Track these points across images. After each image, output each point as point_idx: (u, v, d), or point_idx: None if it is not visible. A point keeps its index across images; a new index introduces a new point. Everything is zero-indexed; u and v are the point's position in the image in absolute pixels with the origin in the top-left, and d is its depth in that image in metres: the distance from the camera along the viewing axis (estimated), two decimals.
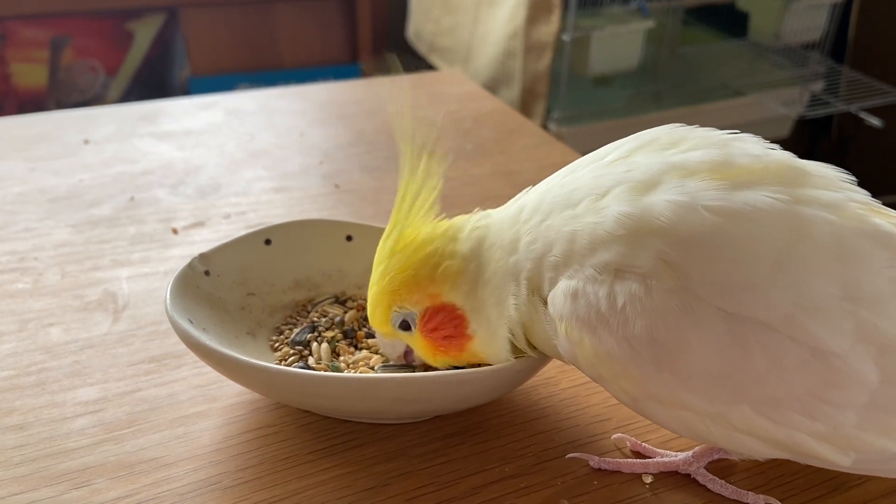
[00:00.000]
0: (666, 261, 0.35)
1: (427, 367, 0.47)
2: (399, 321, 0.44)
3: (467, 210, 0.45)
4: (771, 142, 0.41)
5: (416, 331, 0.44)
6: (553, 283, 0.39)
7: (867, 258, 0.36)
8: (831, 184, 0.38)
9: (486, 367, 0.47)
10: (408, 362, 0.47)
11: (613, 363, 0.37)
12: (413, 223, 0.43)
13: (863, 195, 0.39)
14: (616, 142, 0.42)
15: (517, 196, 0.44)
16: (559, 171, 0.43)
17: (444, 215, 0.45)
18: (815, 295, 0.35)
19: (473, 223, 0.44)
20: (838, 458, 0.37)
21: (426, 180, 0.43)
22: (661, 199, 0.36)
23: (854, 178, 0.39)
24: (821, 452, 0.37)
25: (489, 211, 0.45)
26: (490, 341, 0.43)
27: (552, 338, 0.40)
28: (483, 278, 0.42)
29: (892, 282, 0.35)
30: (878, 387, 0.35)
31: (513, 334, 0.42)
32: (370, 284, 0.45)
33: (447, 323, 0.43)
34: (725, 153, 0.38)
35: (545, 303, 0.40)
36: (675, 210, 0.36)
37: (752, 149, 0.39)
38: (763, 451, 0.38)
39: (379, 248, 0.45)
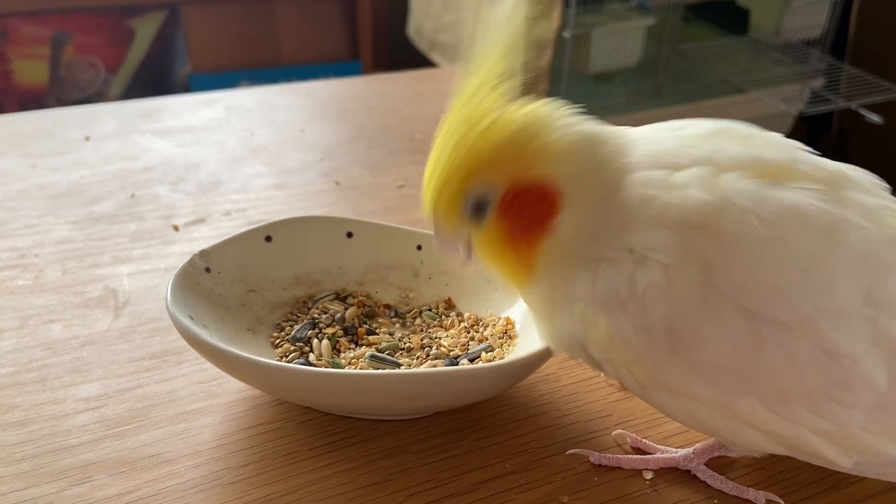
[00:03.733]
0: (698, 255, 0.35)
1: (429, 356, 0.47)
2: (475, 200, 0.38)
3: None
4: None
5: (490, 213, 0.39)
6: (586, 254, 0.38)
7: (895, 266, 0.36)
8: (870, 190, 0.39)
9: (487, 363, 0.47)
10: (462, 265, 0.42)
11: (627, 348, 0.37)
12: (493, 97, 0.38)
13: (895, 203, 0.39)
14: (684, 120, 0.41)
15: (628, 128, 0.41)
16: (640, 128, 0.40)
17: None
18: (837, 300, 0.35)
19: (583, 118, 0.39)
20: (840, 459, 0.37)
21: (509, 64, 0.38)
22: (733, 201, 0.36)
23: (887, 186, 0.40)
24: (824, 451, 0.37)
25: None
26: (555, 267, 0.38)
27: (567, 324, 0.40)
28: (598, 177, 0.37)
29: None
30: (887, 390, 0.35)
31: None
32: (434, 164, 0.39)
33: (535, 204, 0.38)
34: (793, 157, 0.39)
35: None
36: (737, 215, 0.35)
37: (811, 157, 0.40)
38: (766, 447, 0.38)
39: (448, 121, 0.39)
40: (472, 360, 0.49)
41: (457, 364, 0.48)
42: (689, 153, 0.38)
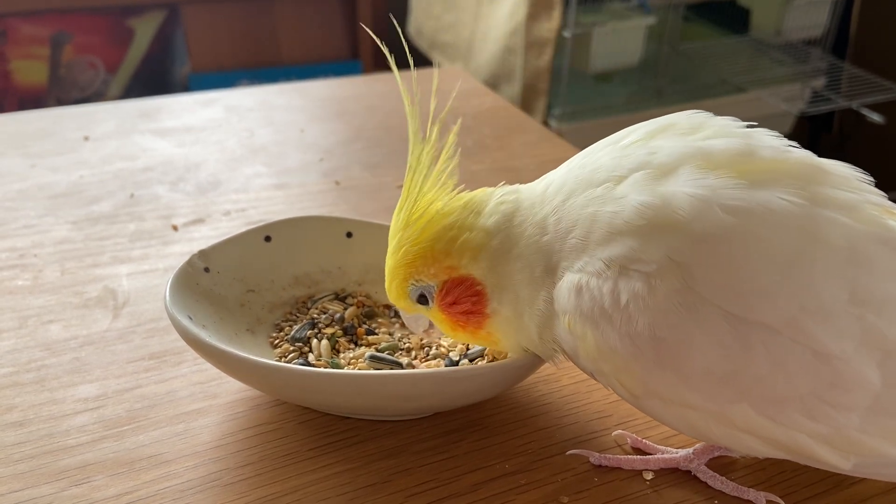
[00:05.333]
0: (675, 260, 0.35)
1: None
2: (417, 295, 0.43)
3: None
4: None
5: (433, 305, 0.43)
6: (564, 272, 0.39)
7: (879, 263, 0.35)
8: (848, 183, 0.38)
9: (488, 363, 0.47)
10: (429, 336, 0.46)
11: (615, 358, 0.37)
12: (428, 193, 0.42)
13: (879, 196, 0.38)
14: (632, 126, 0.42)
15: (544, 175, 0.43)
16: (578, 154, 0.42)
17: (462, 187, 0.43)
18: (822, 299, 0.34)
19: (499, 197, 0.42)
20: (839, 462, 0.37)
21: (440, 148, 0.42)
22: (680, 192, 0.36)
23: (871, 179, 0.39)
24: (821, 455, 0.37)
25: (517, 186, 0.43)
26: (513, 324, 0.42)
27: (556, 336, 0.40)
28: (512, 254, 0.40)
29: None
30: (881, 390, 0.35)
31: (538, 328, 0.41)
32: (387, 257, 0.44)
33: (466, 298, 0.42)
34: (747, 143, 0.38)
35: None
36: (693, 205, 0.35)
37: (772, 141, 0.39)
38: (763, 451, 0.38)
39: (393, 219, 0.43)
40: (471, 361, 0.48)
41: (457, 365, 0.48)
42: (624, 163, 0.38)
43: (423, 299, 0.43)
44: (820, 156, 0.40)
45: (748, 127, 0.40)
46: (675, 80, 1.62)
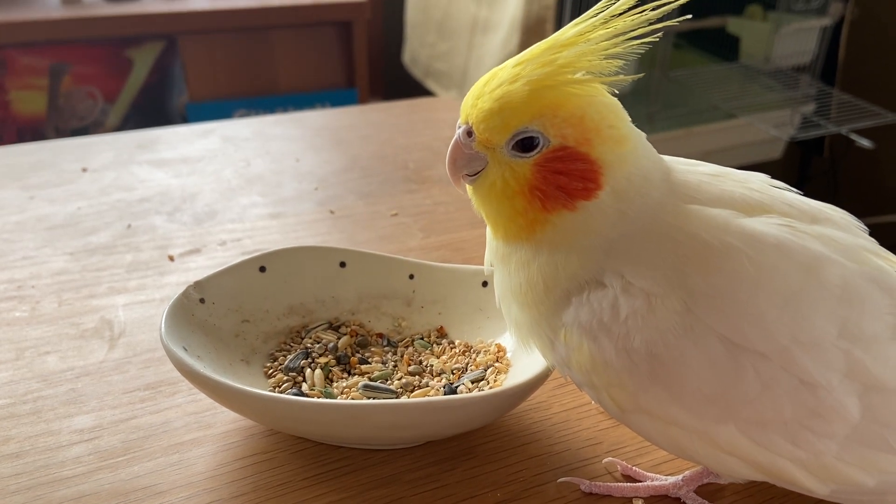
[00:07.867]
0: (684, 285, 0.36)
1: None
2: (524, 136, 0.37)
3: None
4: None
5: (533, 156, 0.37)
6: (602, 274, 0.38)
7: (870, 302, 0.37)
8: (848, 229, 0.40)
9: (479, 392, 0.47)
10: (464, 181, 0.40)
11: (609, 372, 0.38)
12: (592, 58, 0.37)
13: (872, 242, 0.40)
14: (699, 161, 0.42)
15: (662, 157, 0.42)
16: (712, 166, 0.42)
17: None
18: (814, 332, 0.36)
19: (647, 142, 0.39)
20: (817, 487, 0.38)
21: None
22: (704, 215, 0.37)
23: (866, 227, 0.41)
24: (800, 479, 0.37)
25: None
26: (573, 243, 0.38)
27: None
28: (641, 195, 0.38)
29: (891, 328, 0.37)
30: (858, 421, 0.36)
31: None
32: (502, 79, 0.37)
33: (577, 177, 0.37)
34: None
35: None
36: (711, 234, 0.37)
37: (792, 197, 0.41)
38: (746, 473, 0.39)
39: (538, 46, 0.38)
40: (473, 382, 0.49)
41: (455, 391, 0.48)
42: (710, 191, 0.39)
43: (521, 147, 0.37)
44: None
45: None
46: (667, 107, 1.64)
